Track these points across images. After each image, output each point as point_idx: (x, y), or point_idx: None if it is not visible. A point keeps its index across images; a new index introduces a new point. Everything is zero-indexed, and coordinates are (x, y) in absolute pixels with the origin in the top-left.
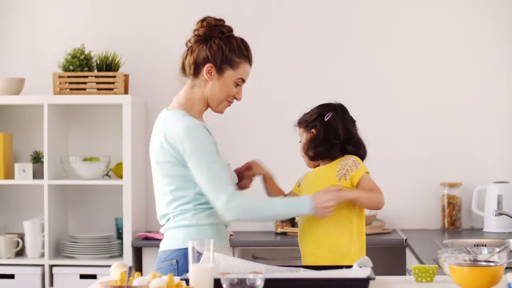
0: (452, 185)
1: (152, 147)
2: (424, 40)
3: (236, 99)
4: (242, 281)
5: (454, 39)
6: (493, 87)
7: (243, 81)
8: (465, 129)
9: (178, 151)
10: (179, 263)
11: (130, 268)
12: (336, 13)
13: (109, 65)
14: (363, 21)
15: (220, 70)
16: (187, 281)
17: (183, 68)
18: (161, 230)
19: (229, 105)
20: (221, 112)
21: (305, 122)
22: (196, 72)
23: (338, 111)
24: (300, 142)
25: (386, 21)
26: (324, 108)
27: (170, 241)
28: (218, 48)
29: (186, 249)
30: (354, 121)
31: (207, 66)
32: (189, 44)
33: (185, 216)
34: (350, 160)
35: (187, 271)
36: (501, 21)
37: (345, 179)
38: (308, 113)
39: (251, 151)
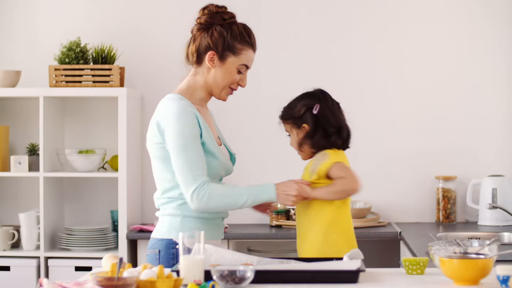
0: (447, 179)
1: (148, 129)
2: (421, 36)
3: (241, 85)
4: (232, 273)
5: (451, 35)
6: (489, 82)
7: (247, 67)
8: (460, 123)
9: (164, 133)
10: (161, 253)
11: (121, 260)
12: (334, 8)
13: (105, 58)
14: (360, 17)
15: (222, 57)
16: (177, 272)
17: (187, 56)
18: (156, 214)
19: (232, 93)
20: (224, 99)
21: (293, 119)
22: (199, 60)
23: (322, 99)
24: (289, 136)
25: (384, 17)
26: (308, 99)
27: (157, 229)
28: (220, 35)
29: (168, 240)
30: (338, 104)
31: (209, 53)
32: (193, 33)
33: (171, 205)
34: (320, 154)
35: (168, 261)
36: (500, 17)
37: (315, 174)
38: (291, 107)
39: (248, 145)
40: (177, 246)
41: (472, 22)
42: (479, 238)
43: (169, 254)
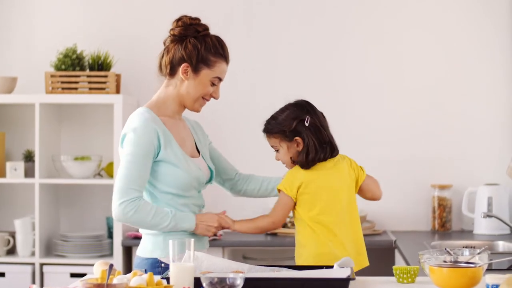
0: (442, 187)
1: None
2: (416, 41)
3: (214, 97)
4: (222, 280)
5: (446, 40)
6: (485, 90)
7: (220, 79)
8: (456, 131)
9: (123, 144)
10: (147, 273)
11: (110, 266)
12: (328, 13)
13: (101, 65)
14: (355, 21)
15: (196, 70)
16: (167, 279)
17: (160, 68)
18: (139, 231)
19: (205, 104)
20: (197, 111)
21: (284, 132)
22: (172, 72)
23: (310, 110)
24: (278, 151)
25: (379, 22)
26: (297, 111)
27: (142, 247)
28: (194, 47)
29: (153, 259)
30: (322, 114)
31: (183, 66)
32: (166, 44)
33: None
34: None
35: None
36: (496, 22)
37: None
38: (278, 120)
39: (243, 150)
40: (162, 265)
41: (469, 29)
42: (474, 247)
43: (155, 273)
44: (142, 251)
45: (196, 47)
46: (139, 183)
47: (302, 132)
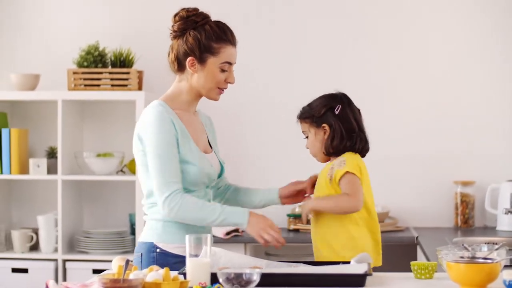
0: (465, 183)
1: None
2: (439, 37)
3: (229, 83)
4: (238, 276)
5: (467, 37)
6: (507, 85)
7: (230, 64)
8: (479, 127)
9: (143, 140)
10: (143, 256)
11: (127, 262)
12: (345, 12)
13: (123, 62)
14: (371, 20)
15: (202, 60)
16: (184, 275)
17: (170, 66)
18: (143, 218)
19: (223, 92)
20: (215, 99)
21: (313, 118)
22: (181, 68)
23: (344, 101)
24: (307, 138)
25: (397, 22)
26: (330, 100)
27: (142, 233)
28: (194, 39)
29: (149, 243)
30: (359, 110)
31: (189, 60)
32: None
33: (154, 210)
34: (339, 159)
35: (149, 264)
36: (500, 17)
37: (330, 179)
38: (311, 106)
39: (262, 149)
40: (157, 250)
41: (487, 22)
42: (496, 243)
43: (150, 258)
44: (142, 237)
45: (196, 38)
46: (175, 174)
47: (330, 119)
